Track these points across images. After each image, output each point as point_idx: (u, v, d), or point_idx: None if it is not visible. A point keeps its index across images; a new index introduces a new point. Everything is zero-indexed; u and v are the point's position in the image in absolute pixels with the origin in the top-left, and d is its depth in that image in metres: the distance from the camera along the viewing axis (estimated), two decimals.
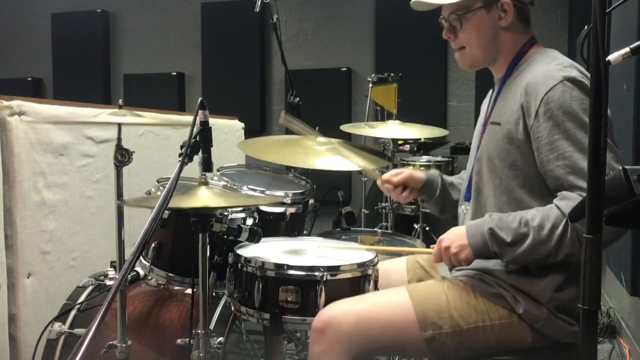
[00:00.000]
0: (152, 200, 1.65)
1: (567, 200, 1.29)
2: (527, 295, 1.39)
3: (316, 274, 1.45)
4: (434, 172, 1.79)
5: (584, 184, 1.28)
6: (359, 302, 1.43)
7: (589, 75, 1.36)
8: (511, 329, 1.40)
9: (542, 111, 1.33)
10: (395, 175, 1.76)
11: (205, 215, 1.49)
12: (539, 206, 1.37)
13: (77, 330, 1.84)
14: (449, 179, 1.79)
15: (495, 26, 1.49)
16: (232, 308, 1.59)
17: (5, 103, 2.02)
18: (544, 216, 1.31)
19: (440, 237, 1.46)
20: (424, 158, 4.37)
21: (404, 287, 1.48)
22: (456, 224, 1.60)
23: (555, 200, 1.33)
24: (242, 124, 3.67)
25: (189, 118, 1.48)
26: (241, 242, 1.63)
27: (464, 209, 1.61)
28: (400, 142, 4.34)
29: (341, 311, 1.40)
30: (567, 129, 1.31)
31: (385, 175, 1.78)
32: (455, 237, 1.42)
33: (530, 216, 1.33)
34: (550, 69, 1.37)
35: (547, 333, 1.39)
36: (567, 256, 1.31)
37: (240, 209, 1.77)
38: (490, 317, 1.41)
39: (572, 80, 1.33)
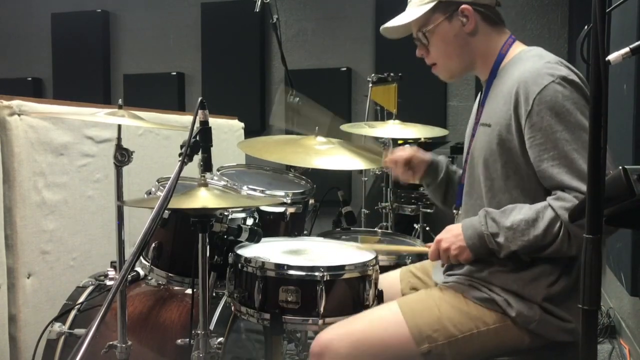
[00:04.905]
0: (152, 201, 1.65)
1: (562, 201, 1.30)
2: (519, 297, 1.39)
3: (316, 274, 1.45)
4: (441, 157, 1.79)
5: (578, 184, 1.28)
6: (353, 324, 1.43)
7: (577, 71, 1.37)
8: (506, 332, 1.40)
9: (536, 112, 1.32)
10: (400, 151, 1.78)
11: (205, 215, 1.49)
12: None
13: (77, 331, 1.83)
14: (454, 167, 1.80)
15: (461, 34, 1.49)
16: (232, 308, 1.59)
17: (5, 103, 2.02)
18: (537, 216, 1.32)
19: (438, 237, 1.47)
20: None
21: (395, 302, 1.47)
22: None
23: (549, 199, 1.33)
24: (242, 124, 3.67)
25: (188, 118, 1.48)
26: (241, 242, 1.63)
27: (456, 213, 1.61)
28: (400, 142, 4.33)
29: (337, 335, 1.40)
30: (561, 128, 1.31)
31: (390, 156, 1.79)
32: (454, 238, 1.43)
33: (524, 216, 1.33)
34: (539, 68, 1.36)
35: (542, 333, 1.39)
36: (557, 253, 1.33)
37: (240, 209, 1.77)
38: (484, 322, 1.40)
39: (564, 79, 1.33)
